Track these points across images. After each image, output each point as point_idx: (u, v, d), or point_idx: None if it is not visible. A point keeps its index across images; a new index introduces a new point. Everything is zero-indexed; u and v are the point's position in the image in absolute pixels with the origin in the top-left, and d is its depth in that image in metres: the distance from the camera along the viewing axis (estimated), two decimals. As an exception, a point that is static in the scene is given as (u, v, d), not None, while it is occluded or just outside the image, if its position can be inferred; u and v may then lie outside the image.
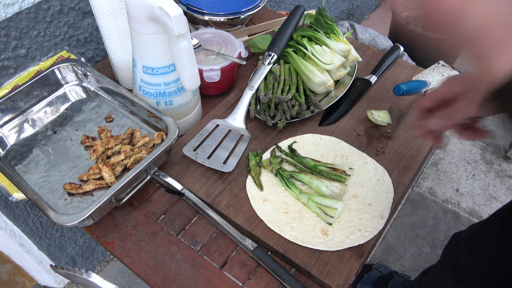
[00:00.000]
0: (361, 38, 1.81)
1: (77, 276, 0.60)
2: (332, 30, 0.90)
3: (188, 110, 0.81)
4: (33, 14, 0.85)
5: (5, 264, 1.21)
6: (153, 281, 0.63)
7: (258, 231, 0.66)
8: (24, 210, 1.08)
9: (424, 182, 1.78)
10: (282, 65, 0.87)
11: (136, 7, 0.64)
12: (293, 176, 0.72)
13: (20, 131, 0.79)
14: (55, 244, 1.26)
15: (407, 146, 0.79)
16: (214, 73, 0.85)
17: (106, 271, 1.53)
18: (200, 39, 0.91)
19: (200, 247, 0.67)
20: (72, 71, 0.85)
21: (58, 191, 0.70)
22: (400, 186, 0.72)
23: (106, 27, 0.81)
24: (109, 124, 0.81)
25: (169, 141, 0.70)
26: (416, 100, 0.87)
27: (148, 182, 0.73)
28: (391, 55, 0.94)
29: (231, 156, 0.75)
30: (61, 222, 0.60)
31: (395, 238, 1.60)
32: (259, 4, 1.01)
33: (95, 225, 0.70)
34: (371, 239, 0.64)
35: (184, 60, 0.67)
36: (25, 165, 0.74)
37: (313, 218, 0.67)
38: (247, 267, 0.65)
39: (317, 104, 0.82)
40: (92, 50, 1.02)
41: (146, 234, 0.69)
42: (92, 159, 0.74)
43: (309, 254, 0.63)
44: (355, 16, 2.49)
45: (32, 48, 0.89)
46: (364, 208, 0.68)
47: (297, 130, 0.82)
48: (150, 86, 0.75)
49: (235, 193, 0.71)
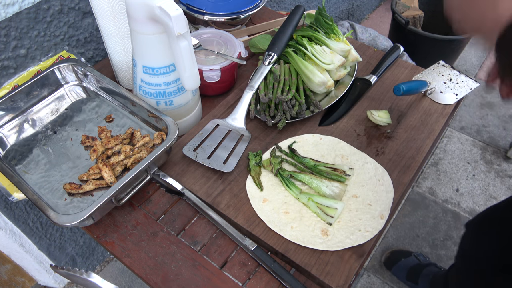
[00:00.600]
0: (361, 38, 1.81)
1: (77, 276, 0.60)
2: (332, 30, 0.90)
3: (188, 110, 0.81)
4: (33, 14, 0.85)
5: (5, 264, 1.21)
6: (153, 281, 0.63)
7: (258, 231, 0.66)
8: (24, 210, 1.08)
9: (424, 182, 1.78)
10: (282, 65, 0.87)
11: (136, 7, 0.64)
12: (293, 176, 0.72)
13: (20, 131, 0.79)
14: (55, 244, 1.26)
15: (407, 146, 0.79)
16: (214, 73, 0.85)
17: (106, 271, 1.53)
18: (200, 39, 0.91)
19: (200, 247, 0.67)
20: (72, 71, 0.85)
21: (58, 191, 0.70)
22: (400, 186, 0.72)
23: (106, 27, 0.81)
24: (109, 124, 0.81)
25: (169, 141, 0.70)
26: (416, 100, 0.87)
27: (148, 182, 0.73)
28: (391, 55, 0.94)
29: (231, 156, 0.75)
30: (61, 222, 0.60)
31: (395, 238, 1.60)
32: (259, 4, 1.01)
33: (95, 225, 0.70)
34: (371, 239, 0.64)
35: (184, 60, 0.67)
36: (25, 165, 0.74)
37: (313, 218, 0.67)
38: (247, 267, 0.65)
39: (317, 104, 0.82)
40: (92, 50, 1.02)
41: (146, 234, 0.69)
42: (92, 159, 0.74)
43: (309, 254, 0.63)
44: (355, 16, 2.50)
45: (32, 48, 0.89)
46: (364, 208, 0.68)
47: (297, 130, 0.82)
48: (150, 86, 0.75)
49: (235, 193, 0.71)
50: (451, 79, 0.90)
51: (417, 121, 0.83)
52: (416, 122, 0.83)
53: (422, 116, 0.84)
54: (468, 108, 2.07)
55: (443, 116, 0.84)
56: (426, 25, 2.13)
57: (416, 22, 2.07)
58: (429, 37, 1.91)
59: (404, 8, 2.08)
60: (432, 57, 1.93)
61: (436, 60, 0.98)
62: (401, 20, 1.96)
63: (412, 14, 2.05)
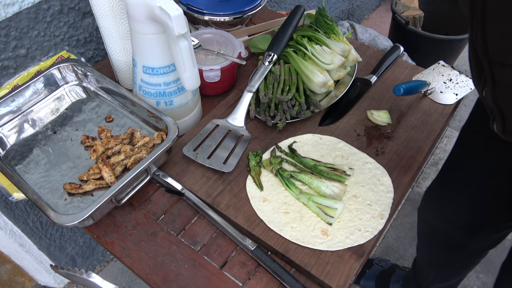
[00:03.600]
0: (361, 38, 1.81)
1: (77, 276, 0.60)
2: (332, 30, 0.90)
3: (188, 110, 0.81)
4: (33, 14, 0.85)
5: (5, 264, 1.21)
6: (153, 281, 0.63)
7: (258, 231, 0.66)
8: (24, 210, 1.08)
9: (424, 182, 1.78)
10: (282, 65, 0.87)
11: (136, 7, 0.64)
12: (293, 176, 0.72)
13: (20, 131, 0.79)
14: (55, 244, 1.26)
15: (407, 146, 0.79)
16: (214, 73, 0.85)
17: (106, 271, 1.54)
18: (200, 39, 0.91)
19: (200, 247, 0.67)
20: (72, 71, 0.85)
21: (58, 191, 0.70)
22: (400, 186, 0.72)
23: (106, 27, 0.81)
24: (109, 124, 0.81)
25: (169, 141, 0.70)
26: (416, 100, 0.87)
27: (148, 182, 0.73)
28: (391, 55, 0.94)
29: (231, 156, 0.75)
30: (61, 222, 0.60)
31: (395, 238, 1.60)
32: (259, 4, 1.01)
33: (95, 225, 0.70)
34: (371, 239, 0.64)
35: (184, 60, 0.67)
36: (25, 165, 0.74)
37: (313, 218, 0.67)
38: (247, 267, 0.65)
39: (317, 104, 0.82)
40: (92, 50, 1.02)
41: (146, 234, 0.69)
42: (92, 159, 0.74)
43: (309, 254, 0.63)
44: (355, 16, 2.50)
45: (32, 48, 0.89)
46: (364, 208, 0.68)
47: (297, 130, 0.82)
48: (150, 86, 0.75)
49: (235, 193, 0.71)
50: (451, 79, 0.90)
51: (417, 121, 0.83)
52: (416, 122, 0.83)
53: (422, 116, 0.84)
54: (468, 108, 2.07)
55: (443, 116, 0.84)
56: (426, 25, 2.13)
57: (416, 22, 2.07)
58: (429, 37, 1.91)
59: (404, 8, 2.08)
60: (432, 57, 1.93)
61: (436, 60, 0.98)
62: (401, 20, 1.96)
63: (412, 14, 2.05)
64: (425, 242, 1.13)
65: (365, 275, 1.45)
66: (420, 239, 1.15)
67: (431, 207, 1.01)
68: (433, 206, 1.00)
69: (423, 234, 1.12)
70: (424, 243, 1.13)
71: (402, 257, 1.55)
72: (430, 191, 1.00)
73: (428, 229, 1.07)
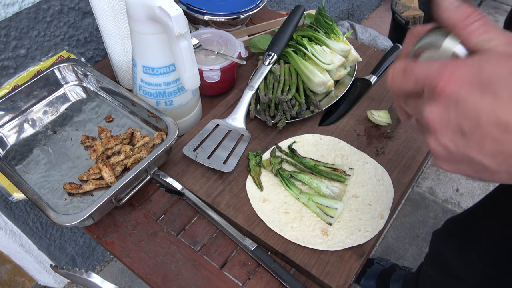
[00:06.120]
0: (361, 38, 1.81)
1: (77, 276, 0.60)
2: (332, 30, 0.90)
3: (188, 110, 0.81)
4: (33, 14, 0.85)
5: (5, 264, 1.21)
6: (153, 281, 0.63)
7: (258, 231, 0.66)
8: (24, 210, 1.08)
9: (424, 182, 1.78)
10: (282, 65, 0.87)
11: (136, 7, 0.64)
12: (293, 176, 0.72)
13: (20, 131, 0.79)
14: (55, 244, 1.26)
15: (407, 146, 0.79)
16: (214, 73, 0.85)
17: (106, 271, 1.54)
18: (200, 39, 0.91)
19: (200, 247, 0.67)
20: (72, 71, 0.85)
21: (58, 191, 0.70)
22: (400, 186, 0.72)
23: (106, 27, 0.81)
24: (109, 124, 0.81)
25: (169, 141, 0.70)
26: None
27: (148, 182, 0.73)
28: (391, 55, 0.94)
29: (231, 156, 0.75)
30: (61, 222, 0.60)
31: (395, 238, 1.60)
32: (259, 4, 1.01)
33: (95, 225, 0.70)
34: (371, 239, 0.64)
35: (184, 60, 0.67)
36: (25, 165, 0.74)
37: (313, 218, 0.67)
38: (247, 267, 0.65)
39: (317, 104, 0.82)
40: (92, 50, 1.02)
41: (146, 234, 0.69)
42: (92, 159, 0.74)
43: (309, 254, 0.63)
44: (355, 16, 2.50)
45: (32, 48, 0.89)
46: (364, 208, 0.68)
47: (297, 130, 0.82)
48: (150, 86, 0.75)
49: (235, 193, 0.71)
50: (451, 79, 0.90)
51: (417, 121, 0.83)
52: (416, 122, 0.83)
53: (422, 116, 0.84)
54: (468, 108, 2.07)
55: (443, 116, 0.84)
56: (426, 25, 2.13)
57: (416, 22, 2.07)
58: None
59: (404, 8, 2.08)
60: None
61: (436, 60, 0.97)
62: (401, 20, 1.96)
63: (412, 14, 2.05)
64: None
65: (365, 274, 1.45)
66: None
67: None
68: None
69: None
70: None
71: (402, 257, 1.55)
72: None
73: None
